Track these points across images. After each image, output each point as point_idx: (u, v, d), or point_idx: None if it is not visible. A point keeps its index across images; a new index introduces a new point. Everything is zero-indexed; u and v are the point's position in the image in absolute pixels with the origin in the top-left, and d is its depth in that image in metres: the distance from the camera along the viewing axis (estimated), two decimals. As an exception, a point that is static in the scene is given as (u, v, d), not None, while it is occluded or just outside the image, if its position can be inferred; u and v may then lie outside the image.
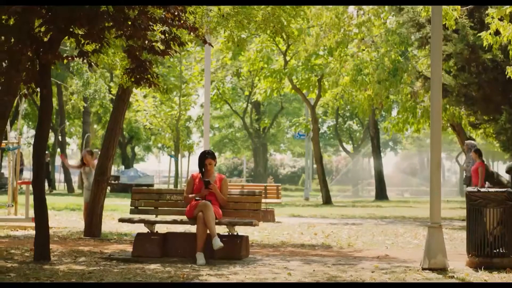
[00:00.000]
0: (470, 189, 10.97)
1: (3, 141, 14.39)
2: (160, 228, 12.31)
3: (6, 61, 11.29)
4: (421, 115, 28.29)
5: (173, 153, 41.78)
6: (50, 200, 13.18)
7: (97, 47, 11.46)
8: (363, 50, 29.42)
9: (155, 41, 11.70)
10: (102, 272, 10.04)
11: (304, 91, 35.10)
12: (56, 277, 9.57)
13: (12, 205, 17.54)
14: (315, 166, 39.60)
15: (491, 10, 16.78)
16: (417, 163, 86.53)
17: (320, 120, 63.53)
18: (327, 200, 34.95)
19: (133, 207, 12.32)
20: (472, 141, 22.83)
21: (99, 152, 16.15)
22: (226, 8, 15.12)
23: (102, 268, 10.54)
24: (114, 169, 58.37)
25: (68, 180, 47.99)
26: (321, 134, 68.30)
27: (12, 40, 10.98)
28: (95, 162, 16.14)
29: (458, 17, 19.86)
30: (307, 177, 44.05)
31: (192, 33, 12.03)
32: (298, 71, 34.02)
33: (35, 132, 12.47)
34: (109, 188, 18.21)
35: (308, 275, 9.94)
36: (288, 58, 34.52)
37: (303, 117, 42.60)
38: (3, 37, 10.94)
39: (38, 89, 11.68)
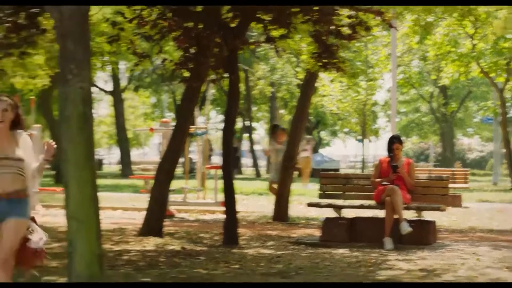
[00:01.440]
0: None
1: (192, 126, 14.75)
2: (348, 213, 12.22)
3: (195, 48, 11.53)
4: None
5: (359, 137, 41.53)
6: (238, 184, 13.40)
7: (284, 32, 11.49)
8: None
9: (341, 26, 11.58)
10: (290, 256, 10.08)
11: (492, 75, 33.85)
12: (245, 261, 9.70)
13: (201, 190, 17.95)
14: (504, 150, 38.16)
15: None
16: None
17: (508, 104, 60.90)
18: (516, 185, 33.59)
19: (322, 192, 12.30)
20: None
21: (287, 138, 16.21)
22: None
23: (290, 252, 10.58)
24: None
25: (256, 164, 48.84)
26: (509, 118, 65.38)
27: (200, 26, 11.20)
28: (284, 139, 16.23)
29: None
30: (495, 162, 42.52)
31: (378, 17, 11.81)
32: (486, 54, 32.81)
33: (223, 117, 12.68)
34: (296, 172, 18.30)
35: (497, 261, 9.56)
36: (475, 41, 33.38)
37: (491, 101, 41.11)
38: (191, 24, 11.17)
39: (226, 75, 11.86)
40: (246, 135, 51.20)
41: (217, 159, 41.03)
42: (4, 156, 5.85)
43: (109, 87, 44.40)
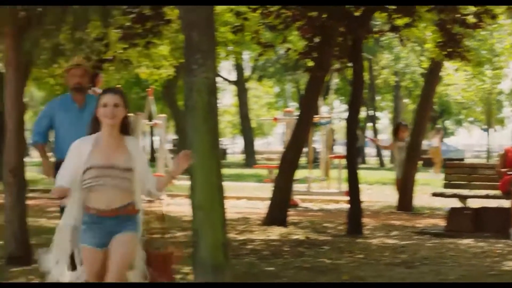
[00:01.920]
0: None
1: (315, 116, 14.71)
2: (473, 203, 11.95)
3: (319, 37, 11.49)
4: None
5: (484, 127, 40.48)
6: (361, 174, 13.28)
7: (409, 21, 11.30)
8: None
9: (466, 14, 11.30)
10: (414, 246, 9.93)
11: None
12: (369, 250, 9.61)
13: (325, 179, 17.92)
14: None
15: None
16: None
17: None
18: None
19: (446, 182, 12.08)
20: None
21: (411, 127, 15.99)
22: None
23: (415, 242, 10.43)
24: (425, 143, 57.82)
25: (379, 154, 48.36)
26: None
27: (324, 16, 11.14)
28: (406, 136, 16.00)
29: None
30: None
31: (505, 5, 11.47)
32: None
33: (347, 106, 12.59)
34: (421, 162, 18.00)
35: None
36: None
37: None
38: (315, 13, 11.13)
39: (350, 64, 11.77)
40: (369, 124, 50.74)
41: (340, 149, 40.83)
42: (109, 165, 4.84)
43: (233, 77, 44.91)
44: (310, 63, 12.25)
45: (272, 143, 73.82)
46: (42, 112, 7.90)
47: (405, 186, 15.32)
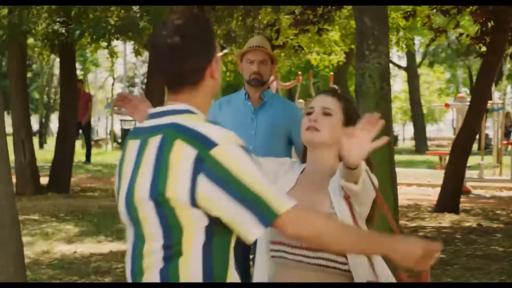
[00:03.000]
0: None
1: (488, 102, 14.37)
2: None
3: (492, 22, 11.24)
4: None
5: None
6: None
7: None
8: None
9: None
10: None
11: None
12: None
13: (497, 166, 17.52)
14: None
15: None
16: None
17: None
18: None
19: None
20: None
21: None
22: None
23: None
24: None
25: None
26: None
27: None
28: None
29: None
30: None
31: None
32: None
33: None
34: None
35: None
36: None
37: None
38: None
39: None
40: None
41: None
42: None
43: (403, 62, 44.36)
44: (483, 48, 11.99)
45: (443, 129, 72.38)
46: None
47: None
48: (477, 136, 18.41)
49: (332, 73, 21.56)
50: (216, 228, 2.41)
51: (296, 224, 2.39)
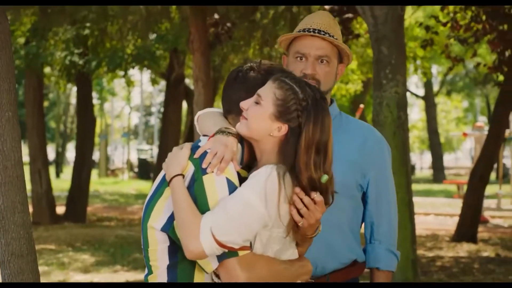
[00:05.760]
0: None
1: (506, 131, 14.30)
2: None
3: (510, 50, 11.23)
4: None
5: None
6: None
7: None
8: None
9: None
10: None
11: None
12: None
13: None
14: None
15: None
16: None
17: None
18: None
19: None
20: None
21: None
22: None
23: None
24: None
25: None
26: None
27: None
28: None
29: None
30: None
31: None
32: None
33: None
34: None
35: None
36: None
37: None
38: (506, 26, 10.84)
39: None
40: None
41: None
42: None
43: (420, 91, 44.32)
44: (501, 77, 11.96)
45: (460, 158, 72.13)
46: None
47: None
48: (495, 165, 18.27)
49: (362, 105, 21.46)
50: (181, 250, 2.42)
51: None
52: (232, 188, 2.42)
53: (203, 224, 2.36)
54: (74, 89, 23.25)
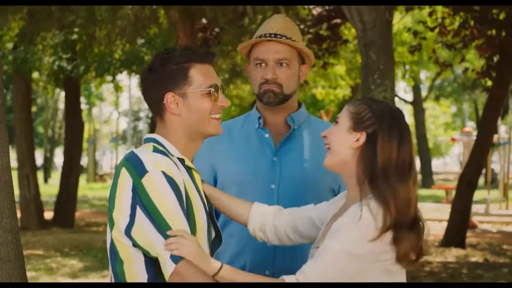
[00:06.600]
0: None
1: (495, 136, 14.36)
2: None
3: (498, 56, 11.26)
4: None
5: None
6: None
7: None
8: None
9: None
10: None
11: None
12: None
13: (504, 200, 17.49)
14: None
15: None
16: None
17: None
18: None
19: None
20: None
21: None
22: None
23: None
24: None
25: None
26: None
27: (503, 34, 10.90)
28: None
29: None
30: None
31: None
32: None
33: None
34: None
35: None
36: None
37: None
38: (494, 31, 10.90)
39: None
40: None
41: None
42: None
43: (409, 96, 44.44)
44: (489, 82, 12.00)
45: (449, 163, 72.33)
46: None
47: None
48: (484, 171, 18.31)
49: (331, 108, 21.51)
50: (157, 265, 2.34)
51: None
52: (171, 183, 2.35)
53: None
54: (62, 94, 23.19)
